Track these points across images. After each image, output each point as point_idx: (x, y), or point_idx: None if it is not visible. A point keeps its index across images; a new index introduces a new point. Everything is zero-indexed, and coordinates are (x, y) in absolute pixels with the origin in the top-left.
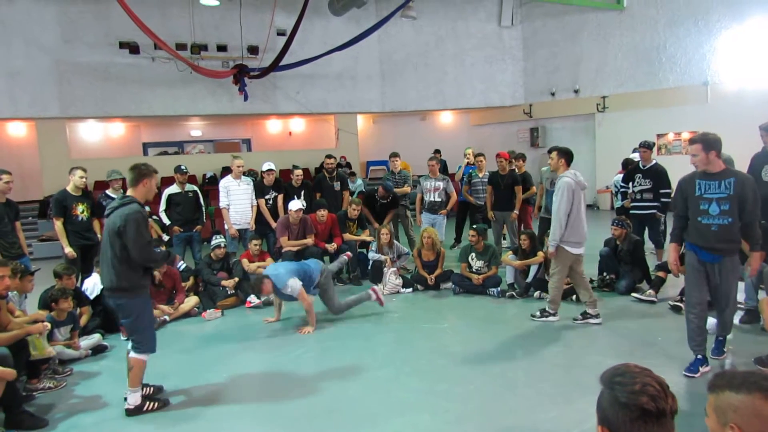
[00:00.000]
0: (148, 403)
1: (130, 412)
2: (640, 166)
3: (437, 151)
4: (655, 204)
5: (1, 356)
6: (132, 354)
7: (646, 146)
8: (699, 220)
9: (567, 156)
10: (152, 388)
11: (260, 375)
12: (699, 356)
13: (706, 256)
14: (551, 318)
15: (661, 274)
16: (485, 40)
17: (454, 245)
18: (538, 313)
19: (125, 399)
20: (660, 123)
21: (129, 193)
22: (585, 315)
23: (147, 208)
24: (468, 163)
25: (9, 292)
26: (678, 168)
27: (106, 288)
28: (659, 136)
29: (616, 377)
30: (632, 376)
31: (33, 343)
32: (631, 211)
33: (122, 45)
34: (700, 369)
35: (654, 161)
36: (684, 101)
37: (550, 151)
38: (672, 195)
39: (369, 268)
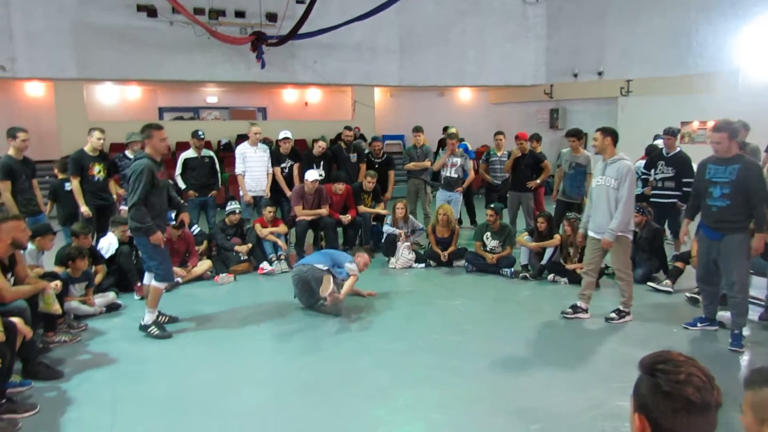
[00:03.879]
0: (153, 328)
1: (141, 328)
2: (664, 153)
3: (447, 128)
4: (677, 193)
5: (20, 309)
6: (152, 281)
7: (670, 133)
8: (706, 201)
9: (614, 136)
10: (167, 317)
11: (271, 341)
12: (704, 315)
13: (709, 233)
14: (627, 318)
15: (679, 264)
16: (508, 16)
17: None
18: (614, 315)
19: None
20: (685, 110)
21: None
22: (576, 309)
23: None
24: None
25: (29, 246)
26: (701, 158)
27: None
28: (683, 123)
29: (659, 365)
30: (677, 365)
31: (42, 297)
32: (652, 199)
33: (140, 8)
34: (699, 324)
35: (678, 149)
36: (712, 88)
37: (570, 134)
38: None
39: (382, 241)
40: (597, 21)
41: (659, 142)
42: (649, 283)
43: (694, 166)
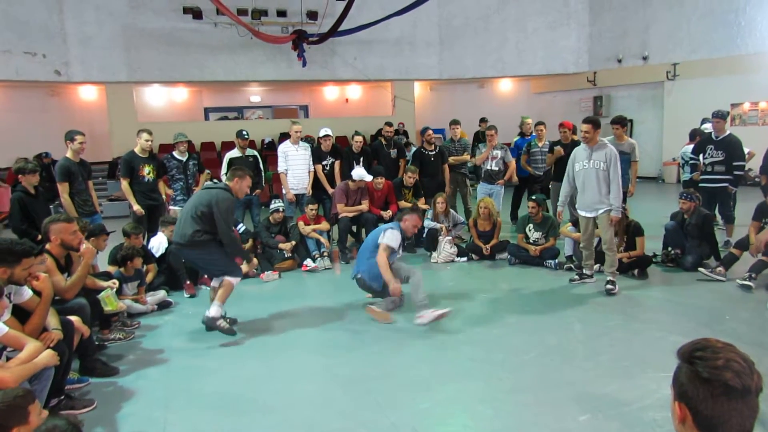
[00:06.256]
0: (222, 321)
1: (207, 320)
2: (713, 136)
3: (484, 120)
4: (728, 177)
5: (80, 306)
6: (226, 277)
7: (719, 116)
8: None
9: (600, 127)
10: (228, 320)
11: (315, 337)
12: None
13: None
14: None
15: (736, 251)
16: (549, 4)
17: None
18: (611, 287)
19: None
20: (735, 92)
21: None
22: (582, 275)
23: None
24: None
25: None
26: (754, 140)
27: (177, 243)
28: (734, 105)
29: (697, 351)
30: (715, 351)
31: (104, 300)
32: (701, 185)
33: (186, 10)
34: None
35: (728, 132)
36: (763, 68)
37: (614, 122)
38: (746, 168)
39: (424, 236)
40: (641, 4)
41: (706, 126)
42: (701, 270)
43: (746, 149)
